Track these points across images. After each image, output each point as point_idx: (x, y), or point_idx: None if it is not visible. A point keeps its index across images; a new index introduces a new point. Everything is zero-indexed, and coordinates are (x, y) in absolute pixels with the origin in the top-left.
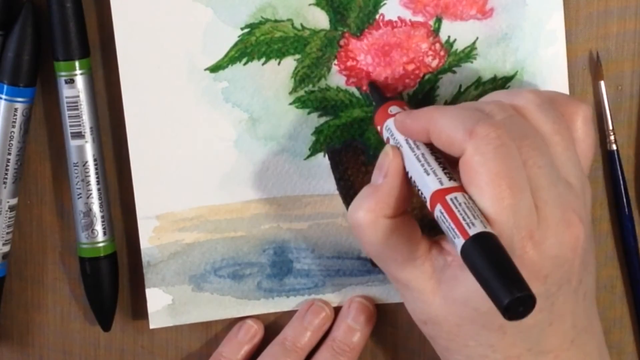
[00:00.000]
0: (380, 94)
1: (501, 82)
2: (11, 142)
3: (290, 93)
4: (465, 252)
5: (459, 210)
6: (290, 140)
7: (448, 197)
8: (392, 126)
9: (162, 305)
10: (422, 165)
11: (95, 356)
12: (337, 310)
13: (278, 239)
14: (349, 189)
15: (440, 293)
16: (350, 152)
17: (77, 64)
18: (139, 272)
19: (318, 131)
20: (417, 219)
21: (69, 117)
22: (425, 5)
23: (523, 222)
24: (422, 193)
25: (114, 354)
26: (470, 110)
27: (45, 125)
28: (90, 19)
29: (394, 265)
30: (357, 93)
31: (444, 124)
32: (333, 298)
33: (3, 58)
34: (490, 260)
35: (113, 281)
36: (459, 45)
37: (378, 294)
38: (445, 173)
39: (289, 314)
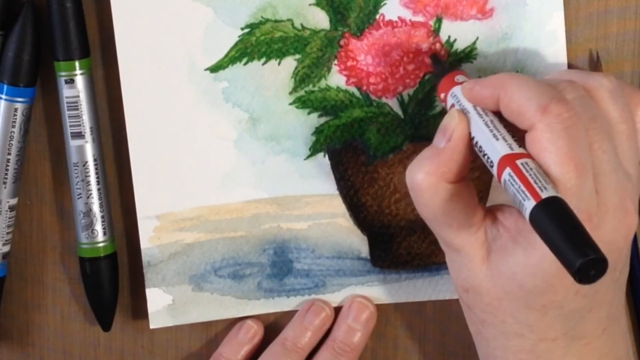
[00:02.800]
0: (442, 64)
1: None
2: (11, 142)
3: (291, 93)
4: (535, 215)
5: (530, 175)
6: (291, 140)
7: (519, 162)
8: (459, 93)
9: (162, 305)
10: (491, 130)
11: (95, 356)
12: (337, 310)
13: (278, 239)
14: (349, 189)
15: (488, 263)
16: (350, 152)
17: (77, 64)
18: (139, 272)
19: (318, 131)
20: None
21: (69, 117)
22: (425, 5)
23: (584, 204)
24: (488, 158)
25: (114, 354)
26: (543, 84)
27: (45, 125)
28: (90, 19)
29: (448, 231)
30: (357, 93)
31: (516, 93)
32: (333, 298)
33: (3, 58)
34: (562, 223)
35: (113, 281)
36: (459, 45)
37: (378, 294)
38: (515, 140)
39: (289, 314)
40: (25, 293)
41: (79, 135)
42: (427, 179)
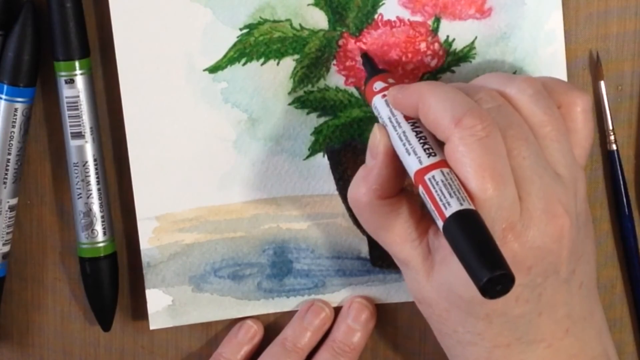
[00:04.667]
0: (372, 66)
1: None
2: (11, 142)
3: (290, 93)
4: (446, 233)
5: (435, 190)
6: (290, 141)
7: (426, 177)
8: (378, 104)
9: (162, 306)
10: (404, 144)
11: (95, 356)
12: (337, 310)
13: (278, 239)
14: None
15: (432, 275)
16: (349, 152)
17: (77, 64)
18: (139, 273)
19: (317, 131)
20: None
21: (69, 117)
22: (424, 5)
23: (505, 213)
24: (409, 174)
25: (114, 354)
26: (459, 95)
27: (45, 125)
28: (90, 19)
29: (393, 245)
30: (356, 93)
31: (432, 105)
32: (333, 298)
33: (3, 58)
34: (467, 238)
35: (113, 281)
36: (458, 45)
37: (378, 294)
38: (425, 149)
39: (289, 315)
40: (25, 293)
41: (79, 135)
42: (362, 198)
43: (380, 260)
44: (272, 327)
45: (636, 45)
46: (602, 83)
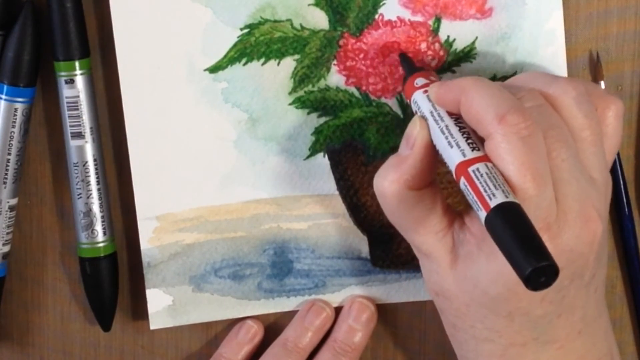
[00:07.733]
0: (410, 64)
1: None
2: (11, 142)
3: (290, 93)
4: (488, 224)
5: (480, 182)
6: (290, 141)
7: (470, 169)
8: (419, 98)
9: (162, 306)
10: (446, 137)
11: (95, 356)
12: (337, 310)
13: (278, 239)
14: (348, 189)
15: (455, 269)
16: (349, 152)
17: (77, 64)
18: (139, 273)
19: (318, 131)
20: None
21: (69, 117)
22: (424, 5)
23: (543, 213)
24: (448, 166)
25: (114, 354)
26: (503, 92)
27: (45, 125)
28: (90, 19)
29: (416, 236)
30: (356, 93)
31: (475, 100)
32: (333, 298)
33: (3, 58)
34: (512, 230)
35: (113, 281)
36: (458, 45)
37: (378, 294)
38: (469, 144)
39: (289, 315)
40: (25, 293)
41: (79, 135)
42: (391, 186)
43: (380, 260)
44: (273, 327)
45: (636, 45)
46: (602, 83)
